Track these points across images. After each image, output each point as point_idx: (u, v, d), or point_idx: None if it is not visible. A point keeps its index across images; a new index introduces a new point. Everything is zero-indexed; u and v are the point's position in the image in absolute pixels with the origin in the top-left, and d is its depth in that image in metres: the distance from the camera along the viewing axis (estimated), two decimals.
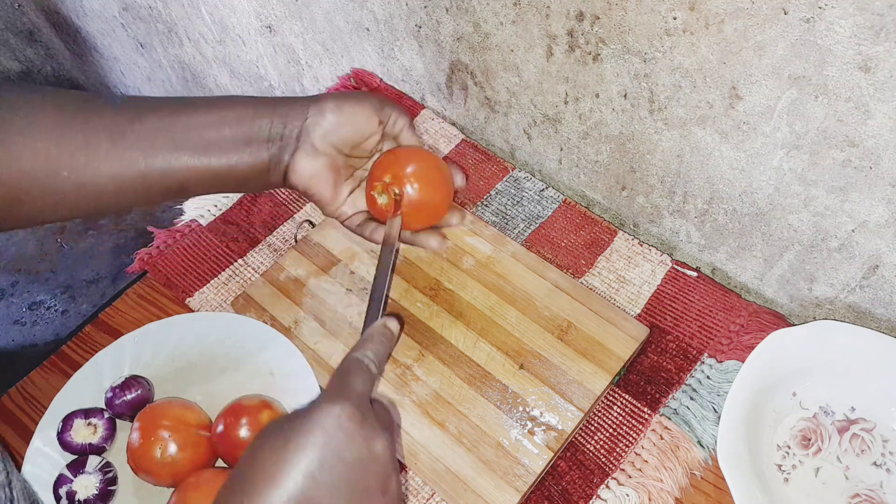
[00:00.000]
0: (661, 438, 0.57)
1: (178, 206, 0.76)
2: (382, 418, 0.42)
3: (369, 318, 0.49)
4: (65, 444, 0.57)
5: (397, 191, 0.53)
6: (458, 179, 0.57)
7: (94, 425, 0.58)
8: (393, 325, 0.47)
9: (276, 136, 0.51)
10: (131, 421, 0.59)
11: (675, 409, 0.58)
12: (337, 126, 0.51)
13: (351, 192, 0.56)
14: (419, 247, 0.57)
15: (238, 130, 0.50)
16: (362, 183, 0.57)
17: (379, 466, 0.39)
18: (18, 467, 0.57)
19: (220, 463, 0.57)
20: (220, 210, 0.75)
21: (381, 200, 0.54)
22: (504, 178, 0.75)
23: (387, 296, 0.52)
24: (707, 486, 0.56)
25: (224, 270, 0.70)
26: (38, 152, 0.44)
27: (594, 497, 0.55)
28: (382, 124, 0.54)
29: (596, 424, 0.58)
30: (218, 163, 0.50)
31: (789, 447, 0.56)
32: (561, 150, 0.72)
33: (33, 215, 0.47)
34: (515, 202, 0.73)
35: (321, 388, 0.57)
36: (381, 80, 0.87)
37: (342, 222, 0.56)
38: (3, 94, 0.45)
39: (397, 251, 0.55)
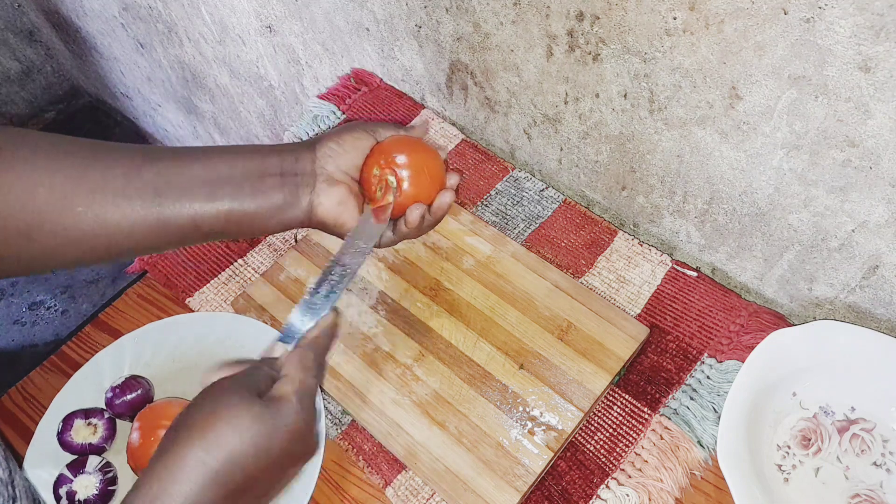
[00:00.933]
0: (661, 438, 0.57)
1: None
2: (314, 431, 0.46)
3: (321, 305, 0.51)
4: (65, 444, 0.57)
5: (393, 179, 0.52)
6: (452, 179, 0.56)
7: (94, 425, 0.58)
8: (333, 317, 0.51)
9: (289, 170, 0.51)
10: (131, 421, 0.59)
11: (675, 409, 0.58)
12: (344, 153, 0.53)
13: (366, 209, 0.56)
14: (406, 230, 0.56)
15: (250, 165, 0.50)
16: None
17: (278, 480, 0.44)
18: (19, 467, 0.57)
19: None
20: None
21: (381, 195, 0.53)
22: (504, 178, 0.75)
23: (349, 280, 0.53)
24: (707, 486, 0.56)
25: (224, 270, 0.70)
26: (55, 188, 0.44)
27: (594, 497, 0.55)
28: (376, 139, 0.55)
29: (596, 424, 0.58)
30: (230, 203, 0.49)
31: (789, 447, 0.56)
32: (561, 150, 0.72)
33: (45, 255, 0.46)
34: (515, 202, 0.73)
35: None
36: (381, 80, 0.87)
37: None
38: (23, 136, 0.45)
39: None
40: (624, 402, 0.59)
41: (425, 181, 0.53)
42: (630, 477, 0.56)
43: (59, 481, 0.55)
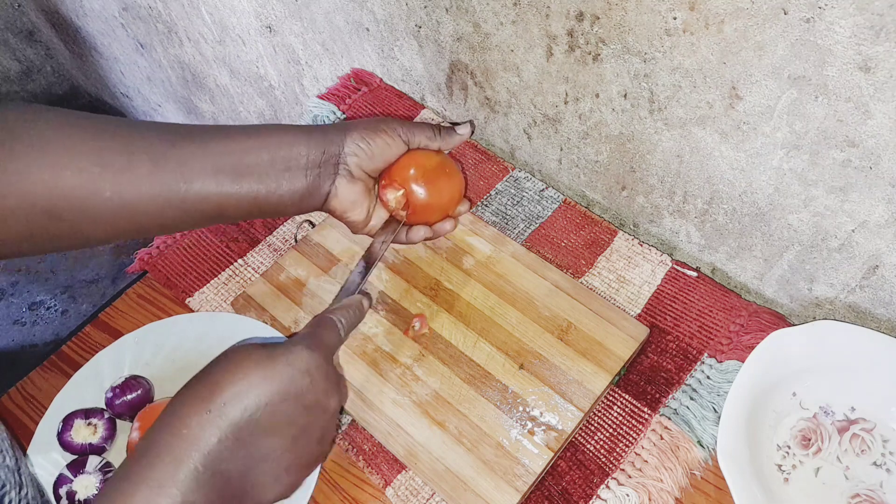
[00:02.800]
0: (661, 438, 0.57)
1: None
2: (340, 377, 0.47)
3: (345, 290, 0.53)
4: (65, 444, 0.57)
5: (400, 194, 0.56)
6: (463, 207, 0.62)
7: (94, 425, 0.58)
8: (366, 302, 0.52)
9: (314, 163, 0.52)
10: (131, 421, 0.59)
11: (675, 409, 0.58)
12: (372, 156, 0.54)
13: (375, 208, 0.58)
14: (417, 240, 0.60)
15: (276, 156, 0.51)
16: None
17: (325, 418, 0.45)
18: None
19: None
20: None
21: (392, 202, 0.57)
22: (504, 178, 0.75)
23: (366, 278, 0.55)
24: (707, 486, 0.56)
25: (224, 270, 0.70)
26: (82, 171, 0.44)
27: (594, 497, 0.55)
28: (408, 146, 0.57)
29: (596, 424, 0.58)
30: (256, 188, 0.50)
31: (789, 447, 0.56)
32: (561, 150, 0.72)
33: (73, 234, 0.46)
34: (515, 202, 0.73)
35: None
36: (381, 80, 0.87)
37: (371, 235, 0.59)
38: (44, 115, 0.45)
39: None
40: (624, 402, 0.59)
41: (434, 204, 0.58)
42: (630, 477, 0.56)
43: (59, 481, 0.55)
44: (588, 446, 0.57)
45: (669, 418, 0.58)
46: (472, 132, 0.61)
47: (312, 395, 0.43)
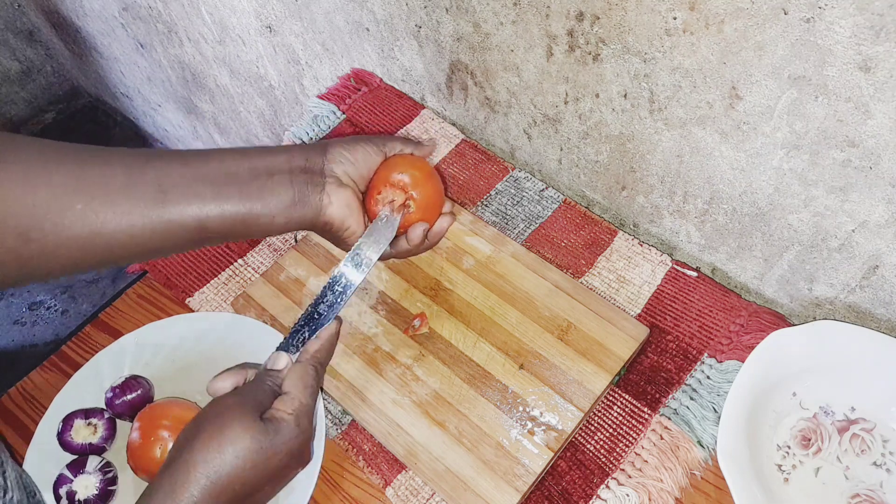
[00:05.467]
0: (661, 438, 0.57)
1: None
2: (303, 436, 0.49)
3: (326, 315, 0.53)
4: (65, 444, 0.57)
5: (402, 198, 0.55)
6: (447, 205, 0.60)
7: (94, 425, 0.58)
8: (336, 324, 0.54)
9: (298, 168, 0.51)
10: (131, 421, 0.59)
11: (675, 409, 0.58)
12: (355, 162, 0.54)
13: (367, 221, 0.57)
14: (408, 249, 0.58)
15: (258, 162, 0.49)
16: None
17: (286, 481, 0.49)
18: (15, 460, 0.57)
19: None
20: None
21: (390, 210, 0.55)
22: (504, 178, 0.75)
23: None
24: (707, 486, 0.56)
25: (224, 270, 0.70)
26: (54, 186, 0.43)
27: (594, 497, 0.55)
28: (384, 155, 0.56)
29: (596, 424, 0.58)
30: (238, 201, 0.47)
31: (789, 447, 0.56)
32: (561, 150, 0.72)
33: (43, 257, 0.44)
34: (515, 202, 0.73)
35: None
36: (381, 80, 0.87)
37: None
38: (23, 139, 0.44)
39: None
40: (624, 402, 0.59)
41: (430, 203, 0.56)
42: (630, 477, 0.56)
43: (59, 481, 0.55)
44: (588, 446, 0.57)
45: (669, 418, 0.58)
46: (434, 147, 0.60)
47: (279, 468, 0.47)
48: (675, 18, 0.51)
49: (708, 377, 0.60)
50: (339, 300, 0.52)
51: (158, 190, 0.45)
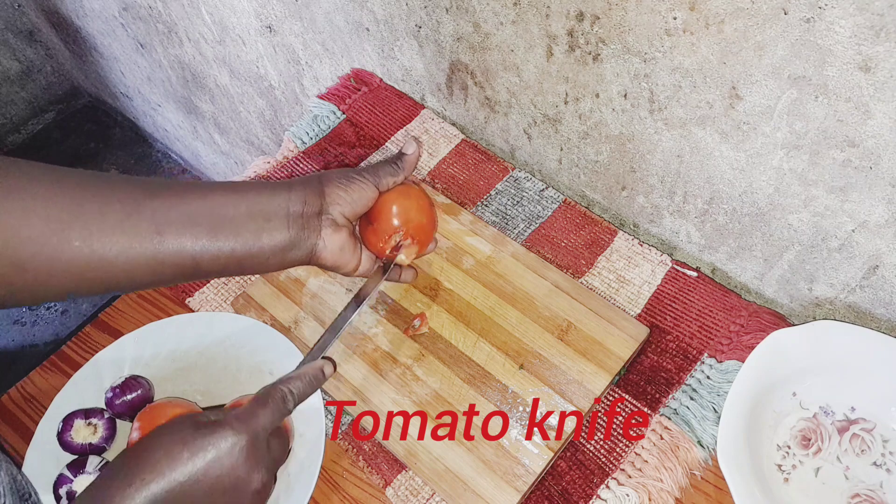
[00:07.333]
0: (661, 438, 0.57)
1: None
2: (275, 451, 0.49)
3: (314, 352, 0.55)
4: (65, 444, 0.57)
5: (407, 242, 0.59)
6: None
7: (94, 425, 0.58)
8: (328, 370, 0.53)
9: (296, 213, 0.51)
10: (131, 421, 0.59)
11: (675, 410, 0.58)
12: (352, 202, 0.55)
13: (362, 250, 0.58)
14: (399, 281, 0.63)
15: (255, 209, 0.50)
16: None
17: (248, 495, 0.46)
18: (18, 467, 0.57)
19: None
20: None
21: (401, 257, 0.59)
22: (504, 178, 0.75)
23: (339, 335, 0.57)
24: (707, 486, 0.56)
25: None
26: (51, 219, 0.43)
27: (594, 497, 0.55)
28: (377, 188, 0.57)
29: (596, 424, 0.58)
30: (234, 241, 0.49)
31: (789, 447, 0.56)
32: (561, 150, 0.72)
33: (37, 285, 0.44)
34: (515, 202, 0.73)
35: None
36: (381, 80, 0.87)
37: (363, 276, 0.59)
38: (18, 164, 0.44)
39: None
40: (624, 402, 0.59)
41: (427, 237, 0.61)
42: (630, 477, 0.56)
43: (59, 481, 0.55)
44: (588, 446, 0.57)
45: (669, 418, 0.58)
46: (420, 148, 0.61)
47: (232, 476, 0.45)
48: (675, 18, 0.51)
49: (708, 377, 0.60)
50: (327, 343, 0.56)
51: (155, 229, 0.46)
